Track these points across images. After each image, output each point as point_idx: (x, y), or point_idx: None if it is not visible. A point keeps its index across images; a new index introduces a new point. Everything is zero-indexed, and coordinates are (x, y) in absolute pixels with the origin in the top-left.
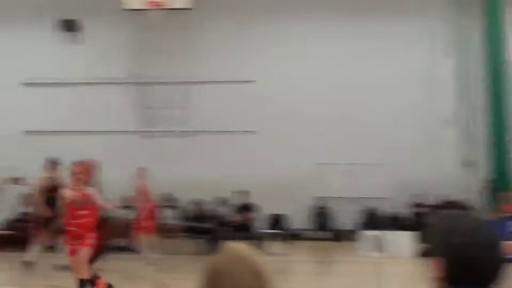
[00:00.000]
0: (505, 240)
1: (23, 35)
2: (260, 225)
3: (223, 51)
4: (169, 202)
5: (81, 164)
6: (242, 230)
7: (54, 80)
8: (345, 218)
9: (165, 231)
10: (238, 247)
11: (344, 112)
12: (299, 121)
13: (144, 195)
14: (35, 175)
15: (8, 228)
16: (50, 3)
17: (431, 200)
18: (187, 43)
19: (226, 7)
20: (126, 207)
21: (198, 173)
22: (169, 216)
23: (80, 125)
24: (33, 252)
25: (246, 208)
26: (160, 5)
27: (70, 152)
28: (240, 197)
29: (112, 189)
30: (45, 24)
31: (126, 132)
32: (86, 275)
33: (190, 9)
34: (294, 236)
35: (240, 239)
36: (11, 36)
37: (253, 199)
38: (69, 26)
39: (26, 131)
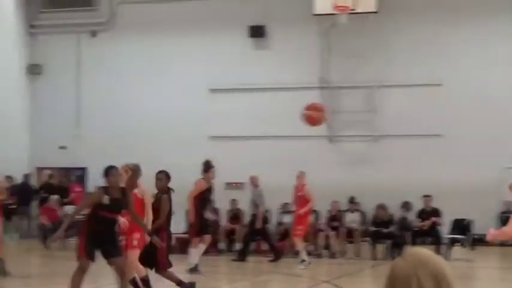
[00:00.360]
0: None
1: (210, 42)
2: (444, 230)
3: (409, 53)
4: (353, 206)
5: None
6: (426, 235)
7: (241, 85)
8: None
9: (347, 235)
10: (421, 252)
11: None
12: (486, 125)
13: (302, 199)
14: (220, 180)
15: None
16: (238, 10)
17: None
18: (374, 47)
19: (411, 9)
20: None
21: (383, 177)
22: (352, 220)
23: (267, 130)
24: (195, 256)
25: (431, 213)
26: (347, 10)
27: (258, 156)
28: (425, 201)
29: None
30: (233, 30)
31: (313, 136)
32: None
33: (376, 12)
34: (478, 242)
35: (424, 244)
36: (199, 43)
37: (437, 203)
38: (257, 32)
39: (210, 136)
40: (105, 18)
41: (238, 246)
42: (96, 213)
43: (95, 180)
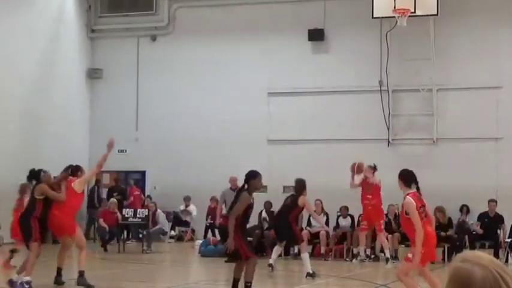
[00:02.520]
0: None
1: (269, 45)
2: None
3: (468, 56)
4: None
5: None
6: (485, 238)
7: (300, 89)
8: None
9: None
10: (480, 255)
11: None
12: None
13: (375, 188)
14: (278, 183)
15: None
16: (297, 14)
17: None
18: (433, 49)
19: (471, 12)
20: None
21: (442, 180)
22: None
23: (326, 133)
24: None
25: (493, 218)
26: (407, 13)
27: (316, 160)
28: (490, 206)
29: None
30: (292, 34)
31: (372, 140)
32: None
33: (436, 15)
34: None
35: (483, 247)
36: (258, 47)
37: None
38: (317, 35)
39: (269, 140)
40: (164, 23)
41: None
42: (247, 214)
43: (153, 183)
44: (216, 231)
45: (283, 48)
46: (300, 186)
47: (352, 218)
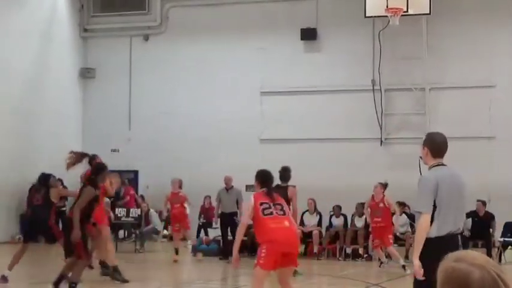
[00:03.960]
0: None
1: (262, 45)
2: (497, 233)
3: (461, 55)
4: (402, 209)
5: None
6: (478, 238)
7: (292, 88)
8: None
9: (397, 239)
10: (474, 254)
11: None
12: None
13: (385, 211)
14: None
15: None
16: (289, 13)
17: None
18: (426, 49)
19: (464, 11)
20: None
21: None
22: (402, 223)
23: (318, 132)
24: None
25: (483, 217)
26: (399, 12)
27: (309, 159)
28: (477, 206)
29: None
30: (285, 33)
31: (365, 139)
32: None
33: (429, 14)
34: None
35: (476, 247)
36: (251, 46)
37: (489, 206)
38: (309, 34)
39: (261, 139)
40: (157, 22)
41: None
42: None
43: (146, 183)
44: (209, 230)
45: (275, 48)
46: (289, 173)
47: (345, 217)
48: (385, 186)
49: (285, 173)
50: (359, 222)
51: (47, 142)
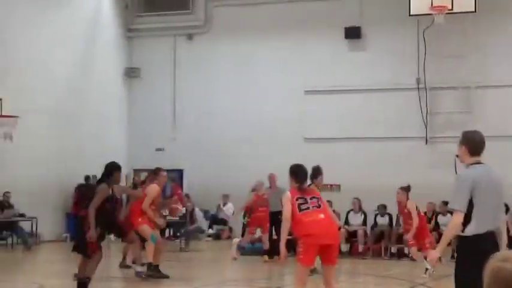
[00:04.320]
0: None
1: (306, 44)
2: None
3: (507, 53)
4: (446, 208)
5: None
6: None
7: (336, 87)
8: None
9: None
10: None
11: None
12: None
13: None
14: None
15: None
16: (334, 12)
17: None
18: (471, 47)
19: (509, 8)
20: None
21: None
22: (446, 223)
23: (363, 131)
24: None
25: None
26: (444, 10)
27: (353, 158)
28: None
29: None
30: (329, 32)
31: (410, 138)
32: None
33: (474, 12)
34: None
35: None
36: (295, 45)
37: None
38: (353, 33)
39: (305, 138)
40: (201, 21)
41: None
42: None
43: (191, 181)
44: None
45: (319, 47)
46: (315, 172)
47: (390, 216)
48: (407, 189)
49: (314, 172)
50: None
51: (93, 142)
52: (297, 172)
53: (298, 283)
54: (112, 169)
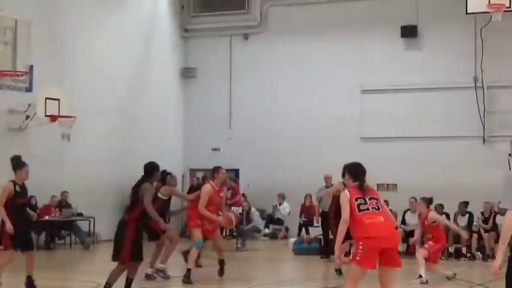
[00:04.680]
0: None
1: (362, 43)
2: None
3: None
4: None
5: None
6: None
7: (393, 86)
8: None
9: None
10: None
11: None
12: None
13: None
14: (371, 183)
15: None
16: (389, 11)
17: None
18: None
19: None
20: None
21: None
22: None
23: (419, 130)
24: None
25: None
26: (502, 7)
27: (410, 157)
28: None
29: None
30: (385, 31)
31: (467, 137)
32: None
33: None
34: None
35: None
36: (350, 44)
37: None
38: (409, 32)
39: (362, 138)
40: (256, 21)
41: None
42: None
43: (247, 181)
44: (310, 229)
45: (375, 46)
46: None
47: (448, 216)
48: (428, 201)
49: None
50: (462, 221)
51: (149, 142)
52: (356, 170)
53: (350, 283)
54: (152, 169)
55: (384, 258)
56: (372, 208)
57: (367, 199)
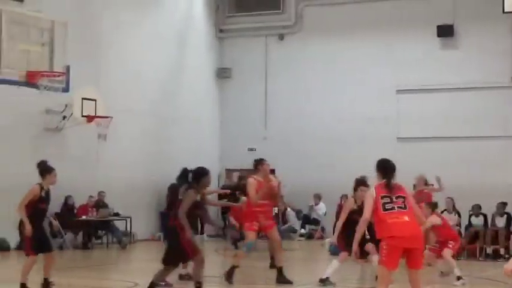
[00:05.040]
0: None
1: (397, 42)
2: None
3: None
4: None
5: None
6: None
7: (429, 86)
8: None
9: None
10: None
11: None
12: None
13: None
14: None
15: None
16: (426, 10)
17: None
18: None
19: None
20: None
21: None
22: None
23: (456, 130)
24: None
25: None
26: None
27: (446, 158)
28: None
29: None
30: (421, 30)
31: (502, 137)
32: None
33: None
34: None
35: None
36: (386, 44)
37: None
38: (446, 31)
39: (398, 138)
40: (292, 21)
41: None
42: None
43: (283, 181)
44: None
45: (411, 45)
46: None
47: (485, 216)
48: (432, 206)
49: (357, 183)
50: (500, 222)
51: (185, 142)
52: (385, 167)
53: (381, 285)
54: (199, 175)
55: (408, 259)
56: (398, 207)
57: (393, 198)
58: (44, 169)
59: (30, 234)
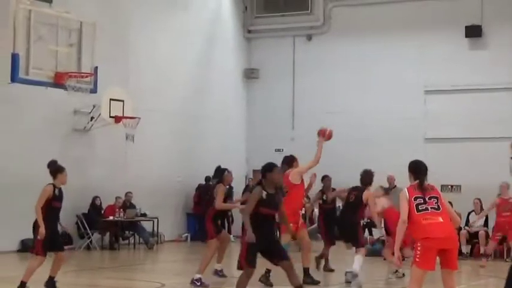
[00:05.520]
0: None
1: (425, 43)
2: None
3: None
4: None
5: None
6: None
7: (457, 86)
8: None
9: None
10: None
11: None
12: None
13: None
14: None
15: None
16: (454, 10)
17: None
18: None
19: None
20: None
21: None
22: None
23: (484, 131)
24: None
25: None
26: None
27: (474, 158)
28: None
29: None
30: (449, 31)
31: None
32: None
33: None
34: None
35: None
36: (414, 44)
37: None
38: (474, 32)
39: (426, 138)
40: (320, 22)
41: None
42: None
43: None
44: (373, 230)
45: (439, 45)
46: (367, 177)
47: None
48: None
49: (365, 175)
50: None
51: (212, 142)
52: (417, 168)
53: (413, 286)
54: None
55: (443, 260)
56: (431, 208)
57: (426, 199)
58: (55, 169)
59: (43, 237)
